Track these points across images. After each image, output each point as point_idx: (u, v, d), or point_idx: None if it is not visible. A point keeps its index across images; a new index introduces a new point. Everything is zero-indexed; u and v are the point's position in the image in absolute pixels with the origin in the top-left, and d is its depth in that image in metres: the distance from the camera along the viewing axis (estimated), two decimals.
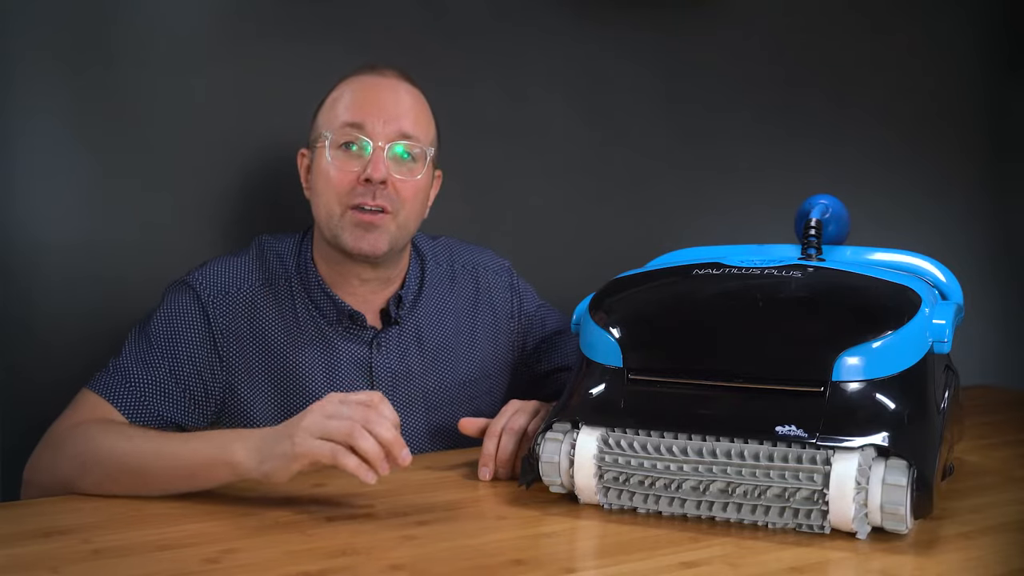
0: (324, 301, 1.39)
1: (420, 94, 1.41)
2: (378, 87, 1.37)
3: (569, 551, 1.01)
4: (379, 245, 1.35)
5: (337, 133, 1.34)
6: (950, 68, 2.42)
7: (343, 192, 1.34)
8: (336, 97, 1.38)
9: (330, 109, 1.38)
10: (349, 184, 1.34)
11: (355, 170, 1.34)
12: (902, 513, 0.97)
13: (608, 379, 1.10)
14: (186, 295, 1.35)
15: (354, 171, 1.34)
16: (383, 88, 1.37)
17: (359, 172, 1.33)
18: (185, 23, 1.61)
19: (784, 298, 1.09)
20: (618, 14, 1.99)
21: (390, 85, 1.38)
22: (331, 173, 1.34)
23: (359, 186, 1.33)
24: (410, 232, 1.40)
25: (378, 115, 1.34)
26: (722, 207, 2.12)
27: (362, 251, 1.34)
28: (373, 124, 1.34)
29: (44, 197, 1.53)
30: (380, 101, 1.36)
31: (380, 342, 1.41)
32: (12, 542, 0.98)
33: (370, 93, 1.37)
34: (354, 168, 1.34)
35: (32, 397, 1.49)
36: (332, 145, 1.35)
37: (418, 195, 1.38)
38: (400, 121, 1.35)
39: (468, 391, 1.47)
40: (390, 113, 1.35)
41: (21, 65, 1.49)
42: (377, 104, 1.35)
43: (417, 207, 1.39)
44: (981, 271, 2.41)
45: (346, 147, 1.34)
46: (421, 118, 1.39)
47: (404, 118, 1.36)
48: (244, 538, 0.99)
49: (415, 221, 1.40)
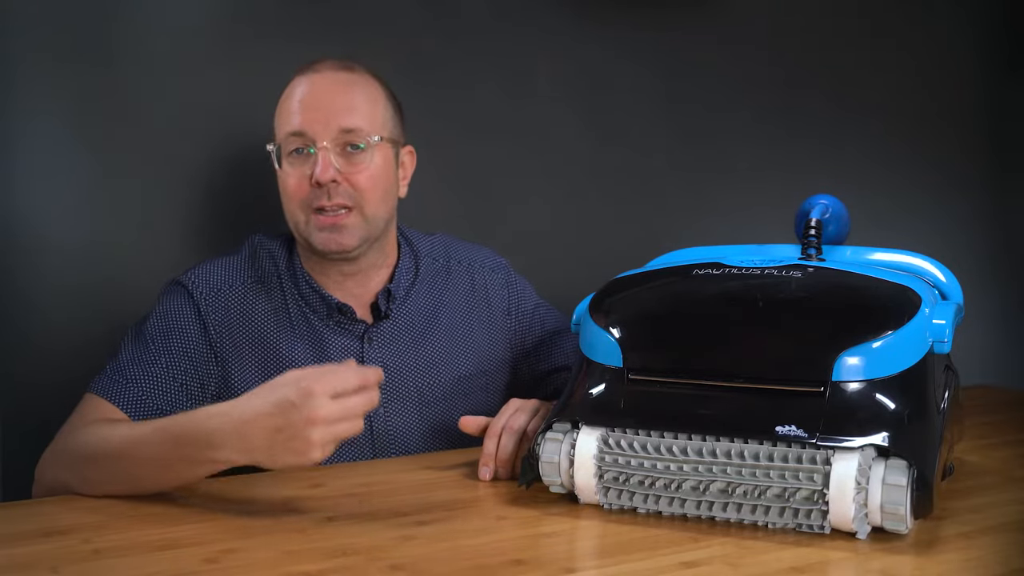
0: (313, 296, 1.40)
1: (362, 76, 1.40)
2: (313, 87, 1.37)
3: (569, 551, 1.01)
4: (347, 242, 1.36)
5: (284, 143, 1.37)
6: (950, 68, 2.42)
7: (301, 198, 1.36)
8: (281, 101, 1.39)
9: (277, 116, 1.39)
10: (304, 190, 1.35)
11: (306, 175, 1.35)
12: (902, 513, 0.97)
13: (608, 379, 1.10)
14: (179, 294, 1.37)
15: (306, 176, 1.35)
16: (318, 87, 1.37)
17: (309, 176, 1.35)
18: (185, 23, 1.61)
19: (784, 298, 1.09)
20: (618, 14, 1.99)
21: (326, 81, 1.38)
22: (287, 182, 1.37)
23: (313, 188, 1.35)
24: (382, 219, 1.40)
25: (315, 117, 1.35)
26: (722, 207, 2.12)
27: (332, 251, 1.36)
28: (313, 127, 1.35)
29: (44, 197, 1.53)
30: (316, 102, 1.36)
31: (371, 336, 1.42)
32: (12, 542, 0.98)
33: (306, 96, 1.37)
34: (304, 173, 1.35)
35: (32, 398, 1.49)
36: (283, 155, 1.37)
37: (377, 183, 1.38)
38: (338, 118, 1.35)
39: (463, 387, 1.47)
40: (327, 112, 1.35)
41: (22, 66, 1.50)
42: (313, 106, 1.36)
43: (379, 194, 1.39)
44: (981, 271, 2.41)
45: (295, 153, 1.36)
46: (362, 107, 1.38)
47: (341, 113, 1.36)
48: (244, 538, 0.99)
49: (383, 207, 1.40)
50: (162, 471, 1.11)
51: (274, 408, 1.03)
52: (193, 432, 1.07)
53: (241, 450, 1.05)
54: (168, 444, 1.09)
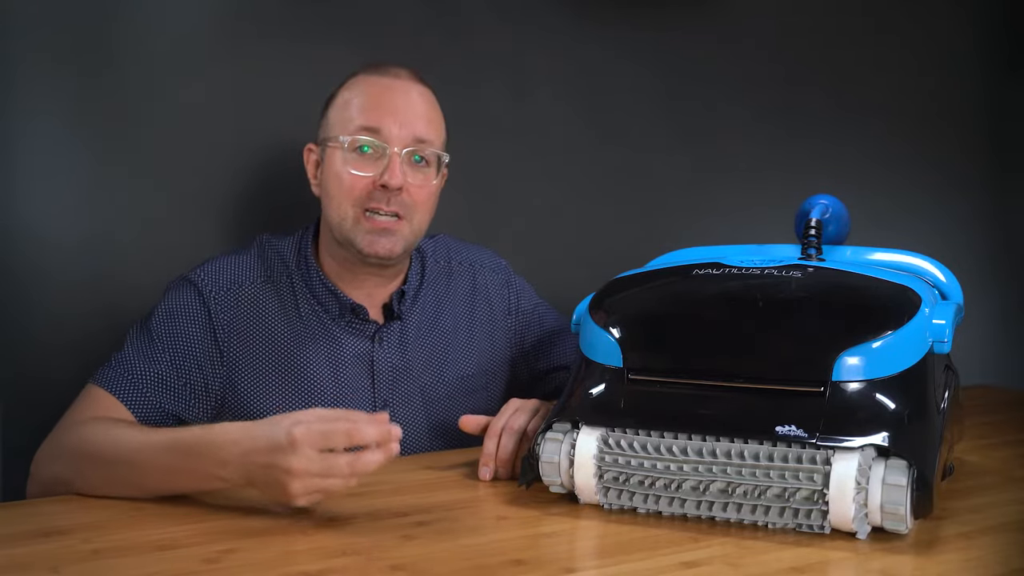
0: (326, 296, 1.40)
1: (431, 94, 1.41)
2: (392, 89, 1.37)
3: (569, 551, 1.01)
4: (394, 249, 1.36)
5: (352, 136, 1.35)
6: (950, 68, 2.42)
7: (358, 196, 1.35)
8: (349, 97, 1.38)
9: (343, 109, 1.37)
10: (364, 188, 1.34)
11: (370, 174, 1.34)
12: (902, 513, 0.97)
13: (608, 379, 1.10)
14: (188, 291, 1.36)
15: (369, 175, 1.34)
16: (397, 91, 1.37)
17: (374, 177, 1.34)
18: (185, 23, 1.61)
19: (784, 298, 1.09)
20: (618, 14, 1.99)
21: (404, 87, 1.38)
22: (345, 177, 1.35)
23: (375, 190, 1.34)
24: (422, 233, 1.41)
25: (393, 119, 1.35)
26: (722, 207, 2.12)
27: (377, 255, 1.36)
28: (389, 128, 1.34)
29: (45, 197, 1.53)
30: (395, 104, 1.36)
31: (382, 336, 1.42)
32: (12, 542, 0.98)
33: (384, 95, 1.36)
34: (369, 172, 1.34)
35: (32, 396, 1.49)
36: (347, 148, 1.35)
37: (430, 199, 1.39)
38: (415, 125, 1.36)
39: (466, 387, 1.47)
40: (405, 117, 1.35)
41: (22, 66, 1.50)
42: (392, 107, 1.35)
43: (429, 210, 1.40)
44: (981, 271, 2.41)
45: (361, 151, 1.35)
46: (434, 121, 1.39)
47: (419, 122, 1.36)
48: (244, 538, 0.99)
49: (427, 223, 1.41)
50: (167, 481, 1.10)
51: (265, 446, 1.03)
52: (206, 448, 1.07)
53: (243, 476, 1.05)
54: (179, 455, 1.09)
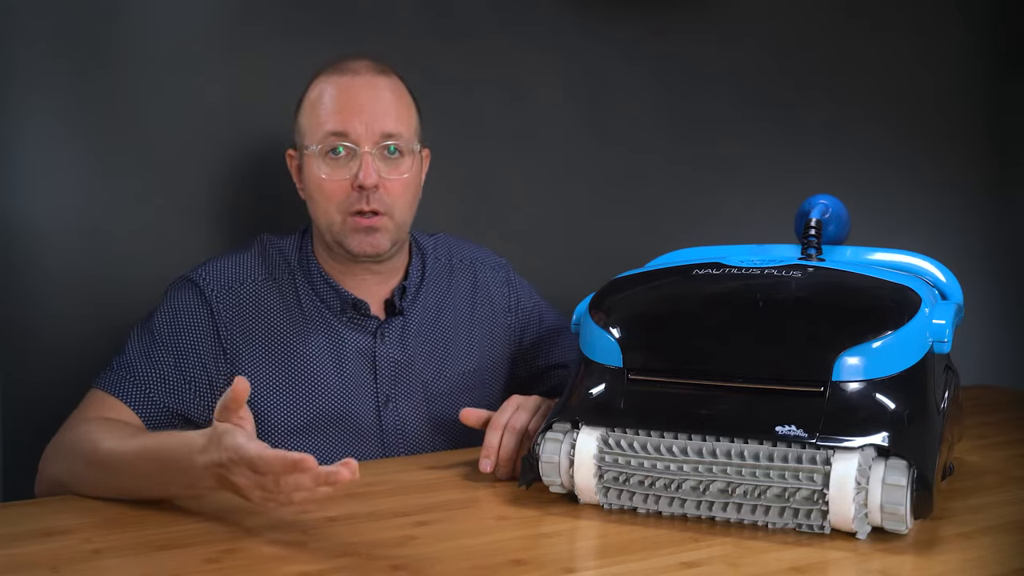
0: (328, 292, 1.40)
1: (397, 82, 1.40)
2: (353, 88, 1.36)
3: (569, 551, 1.01)
4: (381, 245, 1.37)
5: (322, 142, 1.35)
6: (950, 68, 2.42)
7: (340, 201, 1.35)
8: (314, 100, 1.38)
9: (310, 114, 1.37)
10: (343, 192, 1.35)
11: (346, 178, 1.35)
12: (902, 513, 0.97)
13: (608, 379, 1.10)
14: (189, 290, 1.36)
15: (345, 179, 1.35)
16: (360, 88, 1.37)
17: (350, 179, 1.35)
18: (185, 23, 1.61)
19: (784, 298, 1.09)
20: (618, 14, 1.99)
21: (366, 83, 1.37)
22: (323, 184, 1.36)
23: (353, 191, 1.35)
24: (408, 223, 1.41)
25: (359, 119, 1.34)
26: (722, 207, 2.12)
27: (366, 253, 1.37)
28: (356, 129, 1.34)
29: (44, 196, 1.53)
30: (359, 103, 1.35)
31: (384, 332, 1.42)
32: (12, 542, 0.98)
33: (347, 96, 1.36)
34: (344, 176, 1.35)
35: (32, 396, 1.49)
36: (319, 154, 1.35)
37: (408, 189, 1.39)
38: (382, 121, 1.35)
39: (466, 383, 1.48)
40: (371, 115, 1.35)
41: (21, 65, 1.50)
42: (357, 107, 1.35)
43: (409, 200, 1.40)
44: (981, 271, 2.41)
45: (333, 154, 1.35)
46: (402, 112, 1.38)
47: (385, 117, 1.36)
48: (244, 538, 0.99)
49: (410, 212, 1.41)
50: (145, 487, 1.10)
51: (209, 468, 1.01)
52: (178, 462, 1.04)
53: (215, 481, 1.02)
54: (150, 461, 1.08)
